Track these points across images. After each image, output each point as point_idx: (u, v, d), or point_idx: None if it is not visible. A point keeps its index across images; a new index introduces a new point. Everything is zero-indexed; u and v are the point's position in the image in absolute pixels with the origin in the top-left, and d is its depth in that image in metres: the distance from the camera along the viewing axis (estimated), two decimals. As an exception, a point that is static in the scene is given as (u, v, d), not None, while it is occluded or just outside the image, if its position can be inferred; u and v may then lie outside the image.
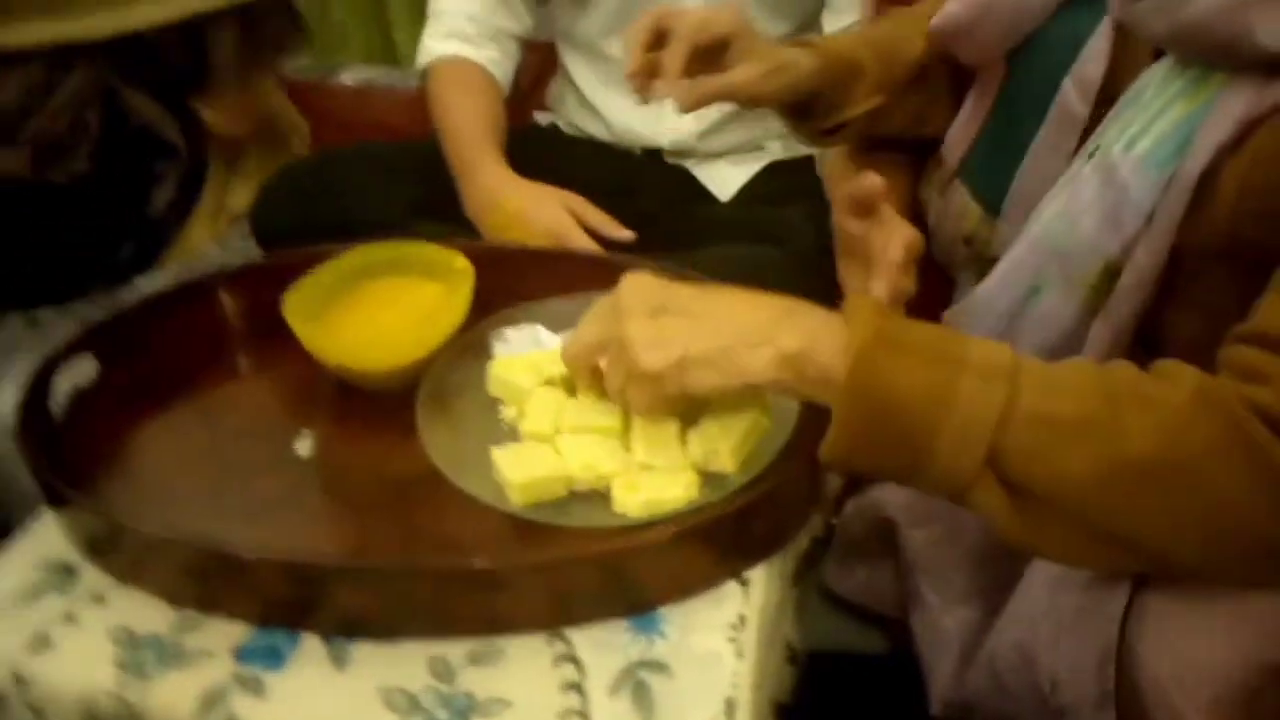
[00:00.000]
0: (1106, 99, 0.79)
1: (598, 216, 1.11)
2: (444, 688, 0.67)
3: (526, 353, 0.85)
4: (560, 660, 0.68)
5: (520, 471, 0.73)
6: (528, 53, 1.29)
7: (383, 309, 0.89)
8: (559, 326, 0.86)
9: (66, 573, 0.74)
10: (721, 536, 0.72)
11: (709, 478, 0.74)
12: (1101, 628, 0.66)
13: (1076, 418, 0.60)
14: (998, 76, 0.91)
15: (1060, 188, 0.79)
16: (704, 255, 1.04)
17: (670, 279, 0.72)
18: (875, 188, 0.85)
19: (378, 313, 0.88)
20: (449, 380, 0.84)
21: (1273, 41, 0.67)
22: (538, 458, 0.75)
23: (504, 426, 0.81)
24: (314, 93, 1.49)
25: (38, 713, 0.70)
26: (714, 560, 0.72)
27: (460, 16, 1.23)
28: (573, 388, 0.78)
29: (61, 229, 1.19)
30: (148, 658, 0.69)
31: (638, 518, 0.72)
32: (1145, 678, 0.63)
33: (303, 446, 0.82)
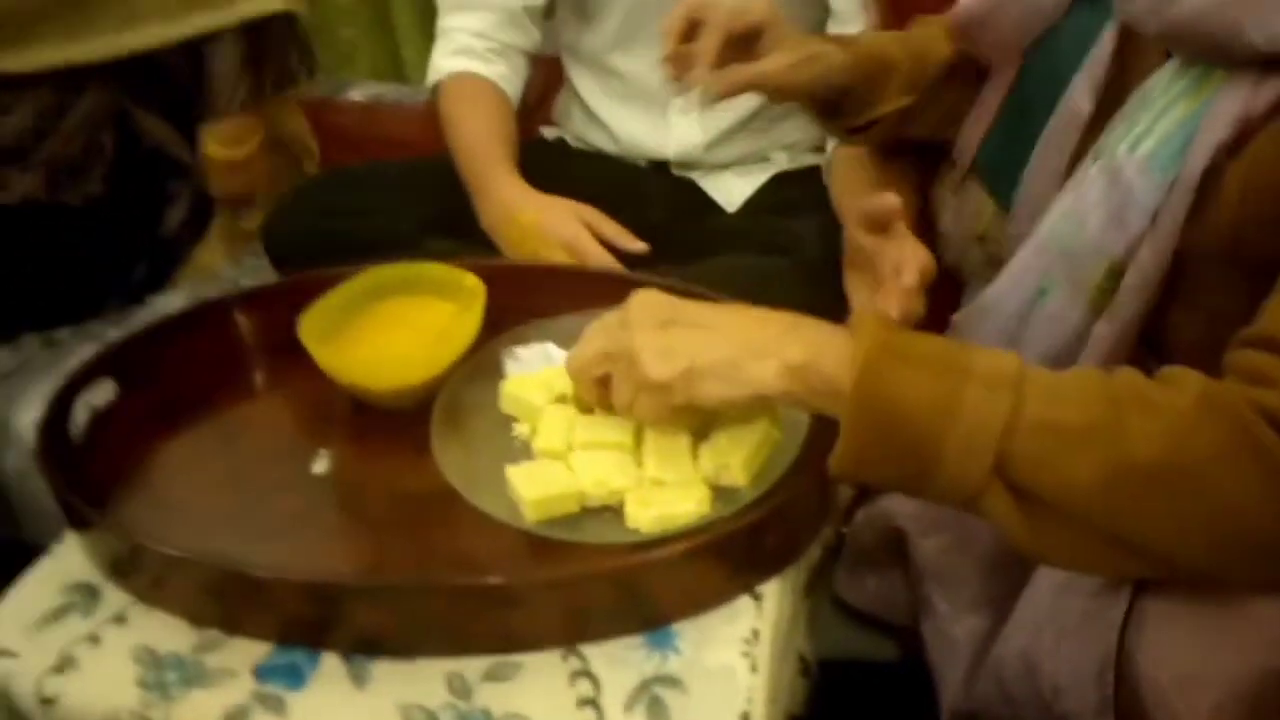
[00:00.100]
0: (1117, 99, 0.79)
1: (613, 228, 1.11)
2: (462, 704, 0.67)
3: (538, 370, 0.86)
4: (576, 676, 0.68)
5: (534, 488, 0.74)
6: (533, 68, 1.29)
7: (396, 329, 0.90)
8: (569, 343, 0.86)
9: (89, 594, 0.75)
10: (734, 551, 0.72)
11: (721, 492, 0.75)
12: (1102, 634, 0.66)
13: (1082, 424, 0.60)
14: (1011, 73, 0.92)
15: (1068, 189, 0.79)
16: (710, 266, 1.05)
17: (679, 296, 0.72)
18: (892, 206, 0.85)
19: (391, 333, 0.89)
20: (462, 398, 0.85)
21: (1262, 37, 0.67)
22: (551, 474, 0.76)
23: (517, 444, 0.82)
24: (322, 109, 1.49)
25: (63, 733, 0.71)
26: (727, 575, 0.73)
27: (468, 34, 1.24)
28: (584, 404, 0.79)
29: (76, 250, 1.20)
30: (170, 678, 0.69)
31: (650, 533, 0.73)
32: (1146, 684, 0.63)
33: (319, 465, 0.83)
